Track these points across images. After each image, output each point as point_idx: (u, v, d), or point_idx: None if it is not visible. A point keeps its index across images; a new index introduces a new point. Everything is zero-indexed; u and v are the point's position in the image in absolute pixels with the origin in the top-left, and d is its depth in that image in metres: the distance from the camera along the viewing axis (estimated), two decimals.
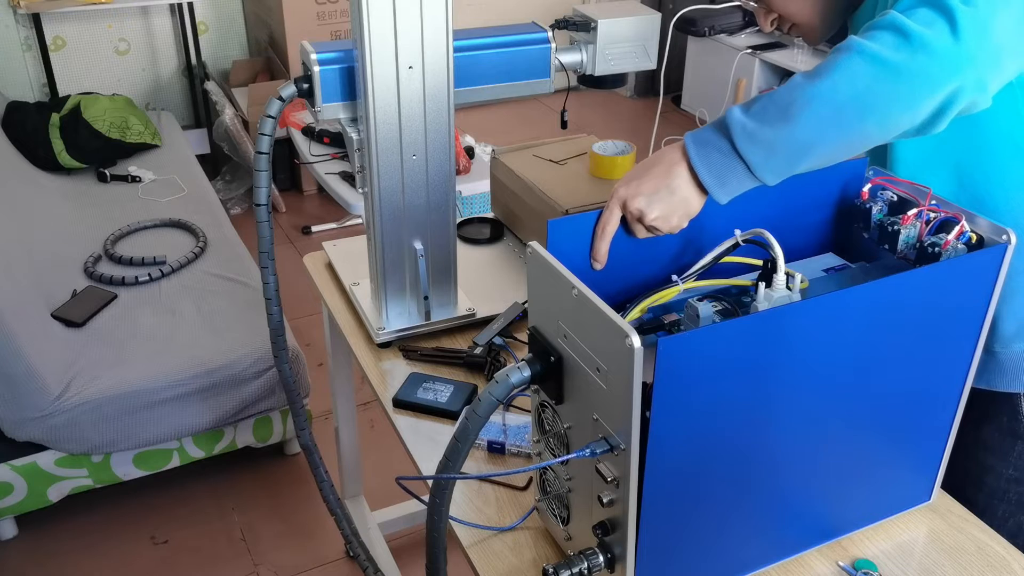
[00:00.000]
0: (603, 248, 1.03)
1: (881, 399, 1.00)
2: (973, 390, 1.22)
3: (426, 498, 0.98)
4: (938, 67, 0.89)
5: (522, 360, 0.96)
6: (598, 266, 1.04)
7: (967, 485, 1.26)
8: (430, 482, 0.97)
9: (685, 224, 1.03)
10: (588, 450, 0.89)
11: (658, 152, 1.03)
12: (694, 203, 1.01)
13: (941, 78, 0.90)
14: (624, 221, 1.04)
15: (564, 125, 1.54)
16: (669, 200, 1.00)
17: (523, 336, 1.47)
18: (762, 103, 0.96)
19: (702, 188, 0.99)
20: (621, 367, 0.82)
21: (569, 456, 0.93)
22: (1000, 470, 1.23)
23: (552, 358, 0.93)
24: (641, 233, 1.03)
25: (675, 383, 0.83)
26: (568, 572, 0.95)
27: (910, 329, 0.96)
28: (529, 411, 1.32)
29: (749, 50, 3.57)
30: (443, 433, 1.30)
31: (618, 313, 0.82)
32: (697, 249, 1.10)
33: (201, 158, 3.54)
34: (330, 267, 1.67)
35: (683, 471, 0.90)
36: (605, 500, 0.91)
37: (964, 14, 0.89)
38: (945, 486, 1.18)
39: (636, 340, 0.79)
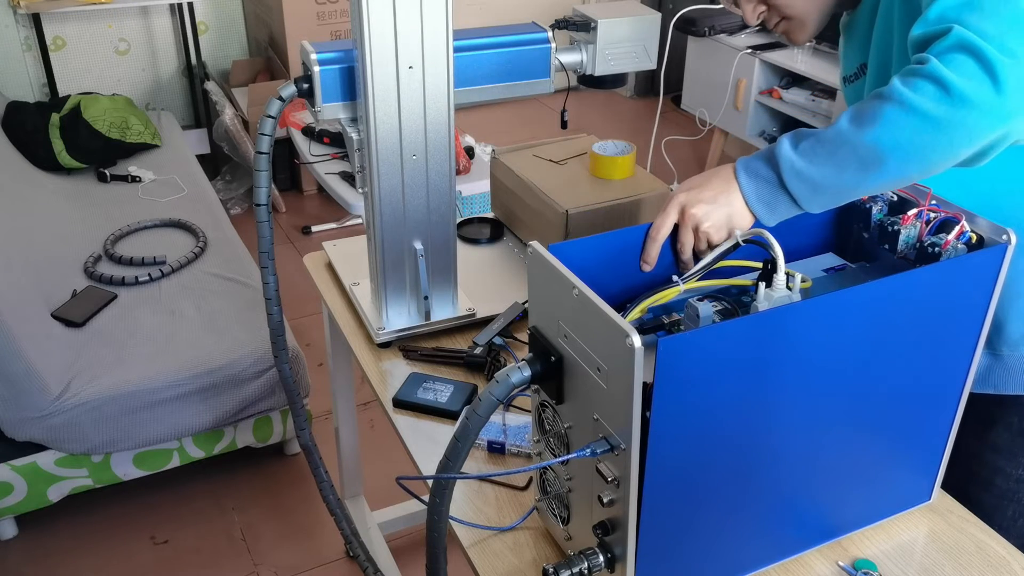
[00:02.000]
0: (654, 251, 1.06)
1: (881, 399, 1.00)
2: (981, 394, 1.22)
3: (426, 498, 0.98)
4: (981, 120, 0.91)
5: (522, 360, 0.96)
6: (647, 268, 1.07)
7: (974, 487, 1.26)
8: (430, 482, 0.97)
9: (731, 237, 1.05)
10: (588, 450, 0.89)
11: (714, 168, 1.08)
12: (746, 220, 1.05)
13: (984, 129, 0.91)
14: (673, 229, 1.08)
15: (564, 125, 1.54)
16: (726, 212, 1.04)
17: (523, 336, 1.47)
18: (811, 142, 1.00)
19: (746, 203, 1.05)
20: (621, 367, 0.82)
21: (569, 456, 0.93)
22: (1010, 471, 1.23)
23: (552, 358, 0.93)
24: (689, 239, 1.06)
25: (675, 383, 0.83)
26: (568, 572, 0.95)
27: (910, 329, 0.96)
28: (529, 411, 1.32)
29: (749, 50, 3.56)
30: (443, 433, 1.30)
31: (618, 313, 0.82)
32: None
33: (201, 158, 3.54)
34: (330, 267, 1.67)
35: (683, 471, 0.90)
36: (605, 500, 0.91)
37: (1006, 67, 0.89)
38: (951, 488, 1.18)
39: (637, 340, 0.79)
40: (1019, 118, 0.91)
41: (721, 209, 1.04)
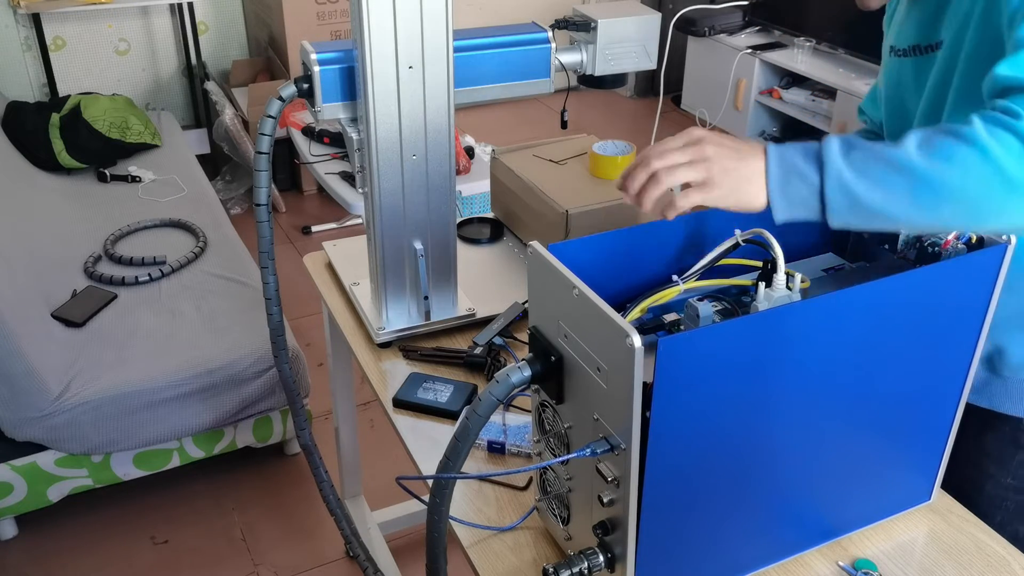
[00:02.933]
0: (641, 176, 0.97)
1: (881, 399, 1.00)
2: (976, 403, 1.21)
3: (426, 498, 0.99)
4: None
5: (522, 360, 0.96)
6: (625, 192, 1.00)
7: (970, 490, 1.26)
8: (430, 482, 0.97)
9: (720, 204, 0.94)
10: (589, 450, 0.89)
11: (745, 141, 0.97)
12: (753, 201, 0.93)
13: None
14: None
15: (564, 125, 1.54)
16: (738, 178, 0.92)
17: (523, 336, 1.47)
18: (864, 155, 0.90)
19: (765, 190, 0.94)
20: (622, 367, 0.82)
21: (570, 456, 0.93)
22: (999, 478, 1.23)
23: (552, 358, 0.93)
24: (681, 175, 0.93)
25: (675, 383, 0.83)
26: (568, 572, 0.95)
27: (910, 329, 0.96)
28: (529, 411, 1.32)
29: (749, 50, 3.56)
30: (443, 433, 1.30)
31: (618, 313, 0.82)
32: (697, 249, 1.09)
33: (201, 158, 3.54)
34: (330, 267, 1.67)
35: (683, 471, 0.90)
36: (605, 500, 0.91)
37: None
38: (949, 489, 1.18)
39: (637, 340, 0.79)
40: None
41: (736, 173, 0.92)
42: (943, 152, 0.87)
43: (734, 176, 0.92)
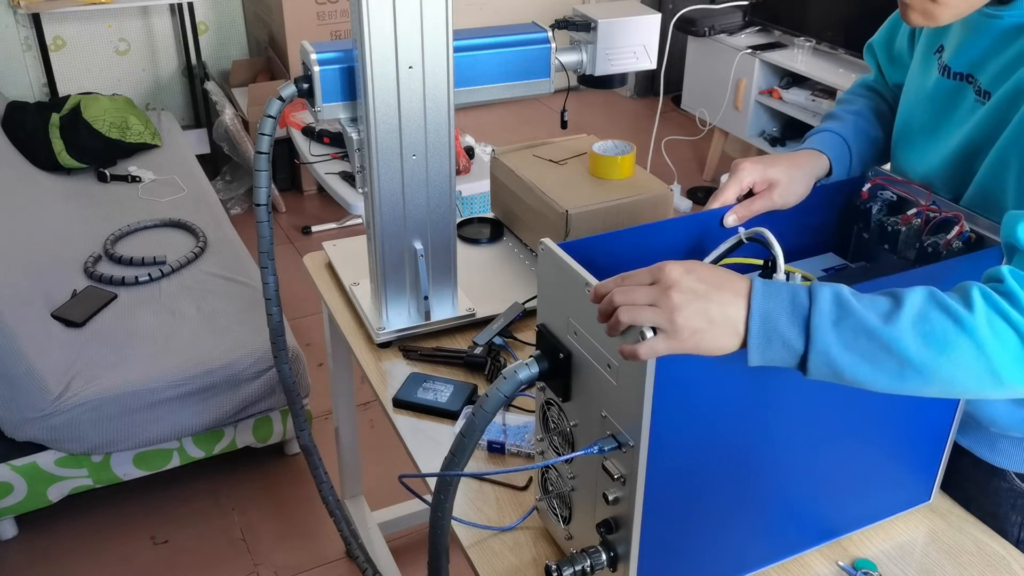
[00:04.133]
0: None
1: (881, 399, 1.00)
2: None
3: (428, 497, 0.98)
4: None
5: (530, 357, 0.96)
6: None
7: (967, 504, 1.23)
8: (432, 481, 0.97)
9: (683, 350, 0.82)
10: (596, 447, 0.89)
11: (725, 278, 0.84)
12: (724, 350, 0.82)
13: None
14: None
15: (564, 125, 1.54)
16: (700, 337, 0.81)
17: (523, 336, 1.47)
18: (855, 330, 0.81)
19: (741, 340, 0.83)
20: (634, 363, 0.82)
21: (577, 453, 0.93)
22: (981, 502, 1.18)
23: (561, 355, 0.93)
24: (643, 318, 0.81)
25: (675, 383, 0.83)
26: (571, 570, 0.95)
27: None
28: (529, 411, 1.32)
29: (749, 50, 3.56)
30: (443, 433, 1.30)
31: None
32: (700, 247, 1.09)
33: (201, 158, 3.54)
34: (330, 267, 1.67)
35: (684, 471, 0.90)
36: (611, 498, 0.91)
37: None
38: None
39: (650, 334, 0.79)
40: None
41: (703, 327, 0.81)
42: (938, 339, 0.81)
43: (700, 331, 0.81)
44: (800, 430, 0.96)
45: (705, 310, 0.81)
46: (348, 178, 2.96)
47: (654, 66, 1.52)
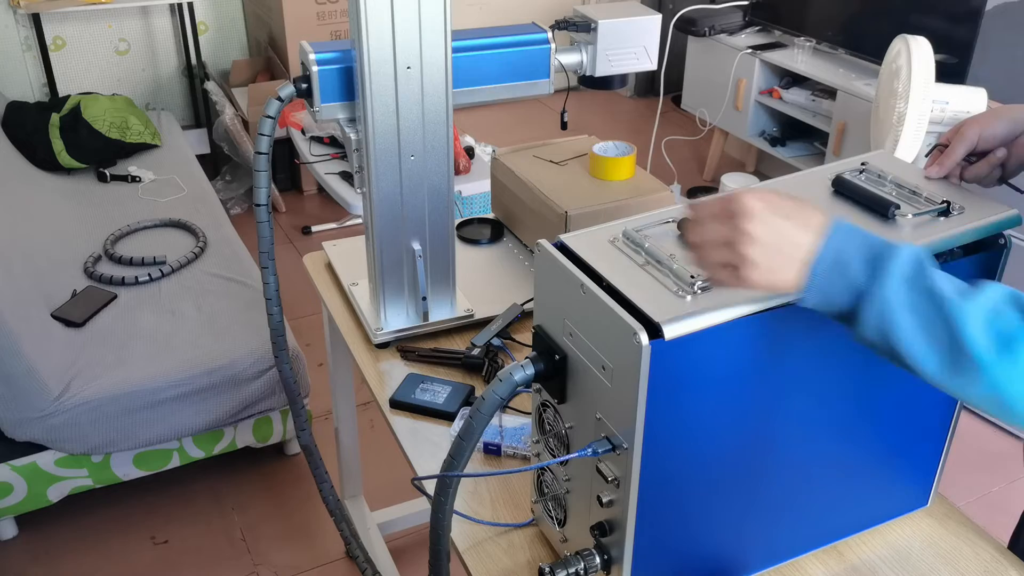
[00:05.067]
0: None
1: (879, 402, 1.00)
2: None
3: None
4: None
5: (526, 358, 0.96)
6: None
7: None
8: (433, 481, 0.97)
9: (757, 288, 0.81)
10: (590, 449, 0.89)
11: (805, 206, 0.82)
12: (787, 279, 0.79)
13: None
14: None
15: (564, 126, 1.54)
16: (780, 241, 0.78)
17: (521, 337, 1.47)
18: (928, 291, 0.77)
19: (805, 275, 0.80)
20: (628, 365, 0.82)
21: (571, 456, 0.93)
22: None
23: (557, 356, 0.93)
24: (717, 255, 0.81)
25: (669, 385, 0.83)
26: (565, 572, 0.95)
27: None
28: (525, 412, 1.32)
29: (749, 50, 3.56)
30: (439, 434, 1.30)
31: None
32: None
33: (201, 158, 3.54)
34: (330, 267, 1.67)
35: (677, 474, 0.90)
36: (604, 500, 0.91)
37: None
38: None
39: (645, 337, 0.79)
40: None
41: (781, 236, 0.78)
42: (1004, 338, 0.76)
43: (771, 267, 0.79)
44: (796, 433, 0.96)
45: (778, 245, 0.78)
46: (348, 178, 2.96)
47: (654, 67, 1.51)
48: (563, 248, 0.93)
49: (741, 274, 0.80)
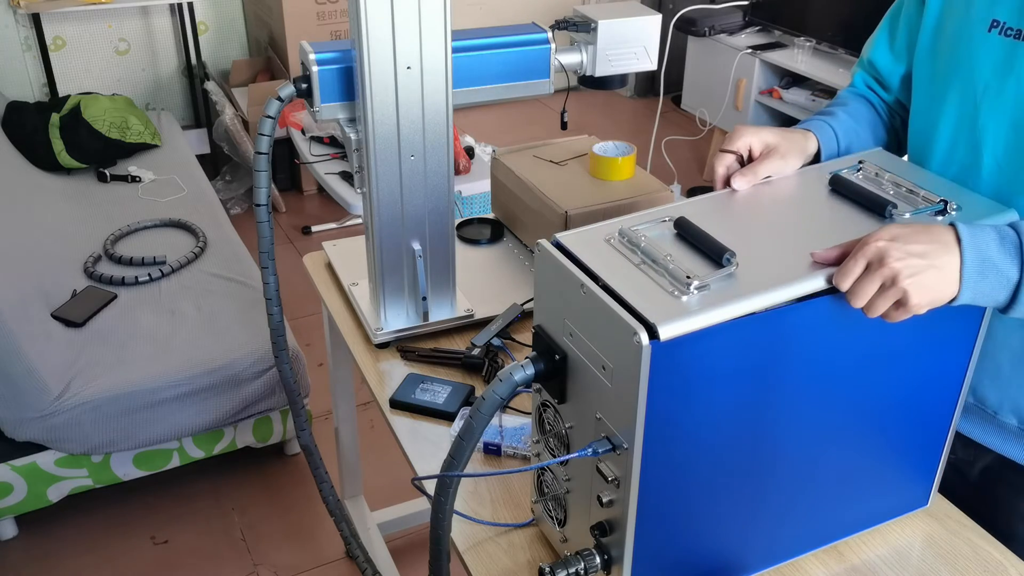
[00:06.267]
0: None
1: (879, 402, 1.00)
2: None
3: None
4: None
5: (526, 358, 0.96)
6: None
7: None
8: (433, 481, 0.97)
9: (923, 311, 0.89)
10: (590, 449, 0.89)
11: (920, 224, 0.92)
12: (950, 290, 0.89)
13: None
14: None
15: (564, 126, 1.54)
16: (937, 274, 0.87)
17: (521, 337, 1.47)
18: None
19: (959, 283, 0.89)
20: (628, 365, 0.82)
21: (571, 456, 0.93)
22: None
23: (557, 356, 0.93)
24: (872, 293, 0.88)
25: (669, 385, 0.83)
26: (565, 572, 0.95)
27: (908, 332, 0.96)
28: (525, 412, 1.32)
29: (749, 50, 3.56)
30: (439, 434, 1.30)
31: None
32: None
33: (201, 158, 3.54)
34: (330, 267, 1.67)
35: (677, 474, 0.90)
36: (604, 500, 0.91)
37: None
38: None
39: (645, 337, 0.79)
40: None
41: (932, 270, 0.87)
42: None
43: (932, 289, 0.88)
44: (796, 433, 0.96)
45: (927, 268, 0.87)
46: (348, 178, 2.96)
47: (654, 67, 1.51)
48: (559, 247, 0.93)
49: (911, 305, 0.88)
